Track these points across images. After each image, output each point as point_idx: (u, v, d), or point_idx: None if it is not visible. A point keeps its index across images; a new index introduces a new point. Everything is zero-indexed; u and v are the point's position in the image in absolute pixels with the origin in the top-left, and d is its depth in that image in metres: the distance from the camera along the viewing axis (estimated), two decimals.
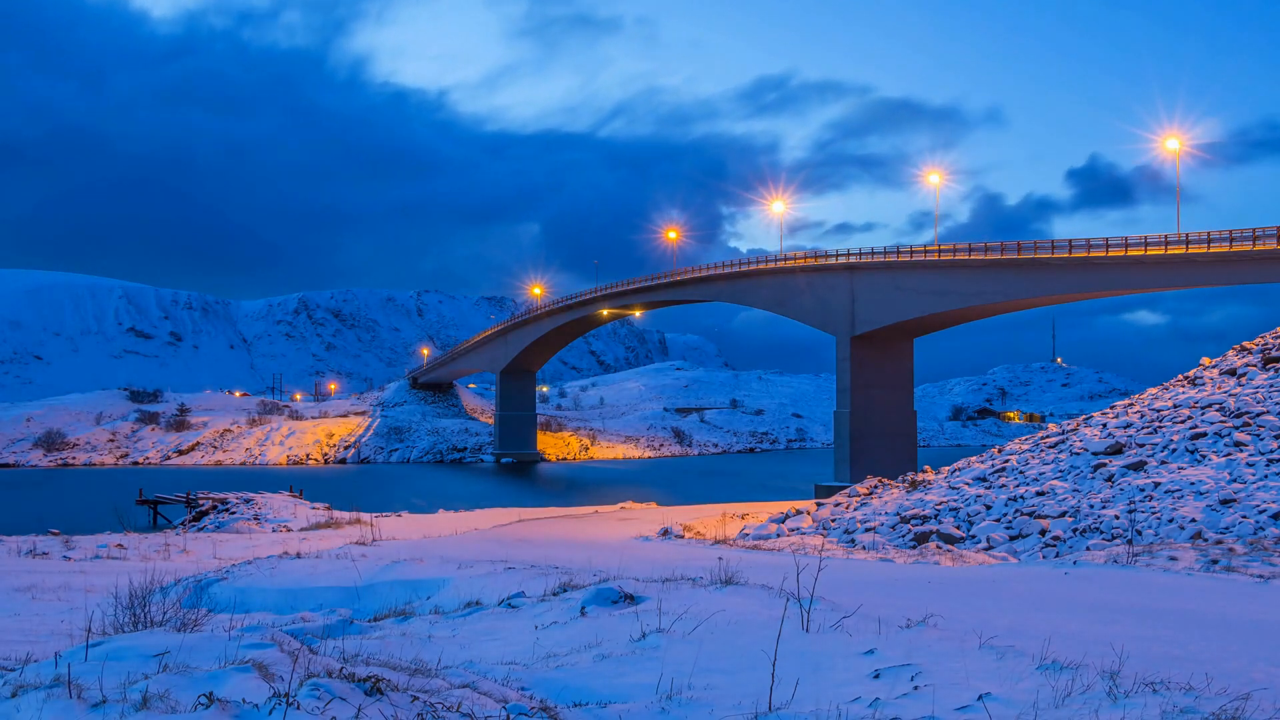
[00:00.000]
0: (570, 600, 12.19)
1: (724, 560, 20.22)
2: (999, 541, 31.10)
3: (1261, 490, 29.47)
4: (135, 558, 32.73)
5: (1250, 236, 55.05)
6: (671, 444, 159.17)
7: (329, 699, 7.03)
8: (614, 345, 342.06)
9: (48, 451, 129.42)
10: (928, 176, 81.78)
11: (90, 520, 49.03)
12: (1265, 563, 19.97)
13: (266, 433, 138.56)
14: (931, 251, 73.02)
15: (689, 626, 10.32)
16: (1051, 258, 63.97)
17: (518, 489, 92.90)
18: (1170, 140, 65.19)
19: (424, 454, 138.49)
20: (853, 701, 7.88)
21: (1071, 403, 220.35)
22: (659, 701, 8.01)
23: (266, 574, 21.74)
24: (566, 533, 37.55)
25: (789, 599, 11.62)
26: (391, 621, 12.55)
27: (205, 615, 14.59)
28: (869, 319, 75.96)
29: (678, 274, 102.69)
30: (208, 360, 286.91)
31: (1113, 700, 7.70)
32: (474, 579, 18.36)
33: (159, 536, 41.71)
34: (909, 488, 41.44)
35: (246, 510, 51.36)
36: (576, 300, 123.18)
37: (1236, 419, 35.98)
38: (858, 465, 72.30)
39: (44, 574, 26.21)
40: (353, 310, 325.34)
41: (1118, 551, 23.42)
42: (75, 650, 8.70)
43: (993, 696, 7.78)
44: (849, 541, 33.72)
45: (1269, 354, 42.34)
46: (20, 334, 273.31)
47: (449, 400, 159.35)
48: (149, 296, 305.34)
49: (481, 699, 7.86)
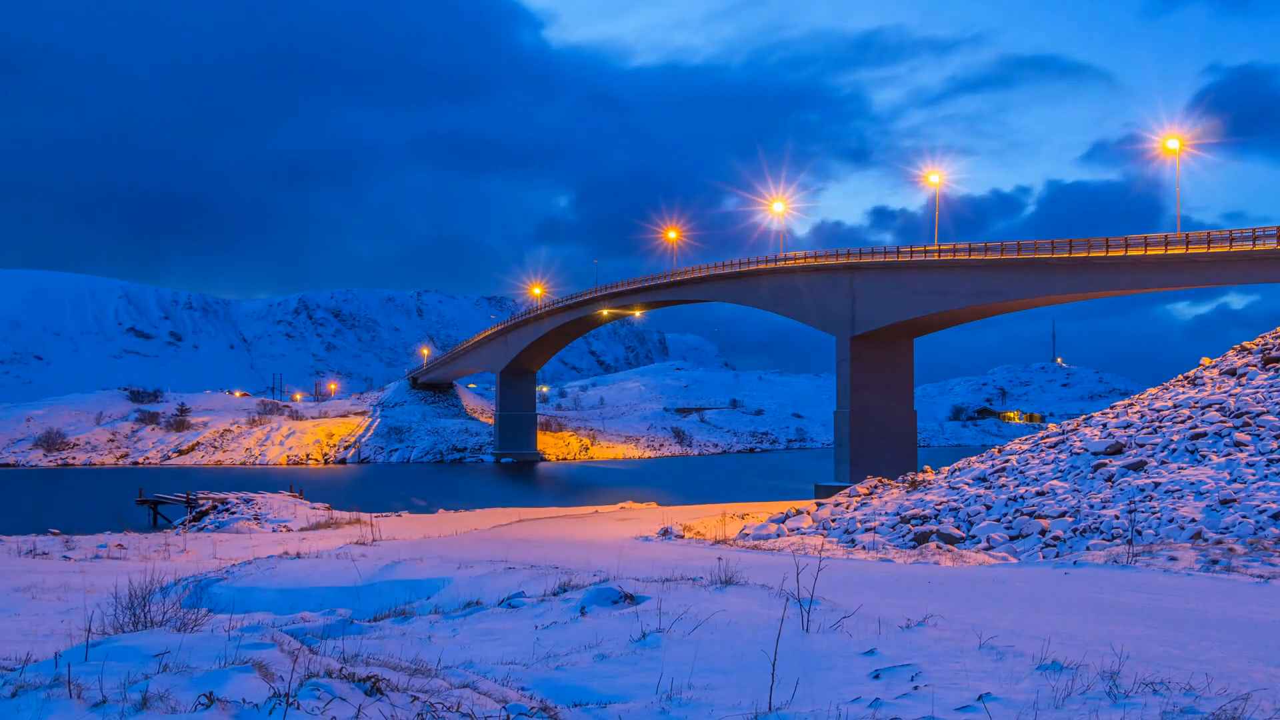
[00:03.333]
0: (570, 600, 12.20)
1: (724, 560, 20.21)
2: (999, 541, 31.10)
3: (1261, 490, 29.46)
4: (135, 558, 32.74)
5: (1250, 236, 55.02)
6: (671, 444, 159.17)
7: (329, 699, 7.03)
8: (614, 345, 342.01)
9: (48, 451, 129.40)
10: (927, 176, 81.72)
11: (90, 520, 49.03)
12: (1265, 563, 19.97)
13: (266, 433, 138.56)
14: (931, 251, 72.99)
15: (689, 627, 10.32)
16: (1051, 258, 63.95)
17: (518, 489, 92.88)
18: (1170, 140, 65.17)
19: (424, 454, 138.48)
20: (853, 702, 7.89)
21: (1071, 403, 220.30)
22: (659, 702, 8.01)
23: (266, 574, 21.74)
24: (566, 533, 37.56)
25: (789, 599, 11.62)
26: (391, 621, 12.55)
27: (205, 615, 14.58)
28: (869, 319, 75.93)
29: (678, 274, 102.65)
30: (208, 360, 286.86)
31: (1113, 700, 7.71)
32: (474, 579, 18.36)
33: (159, 536, 41.71)
34: (909, 488, 41.44)
35: (246, 510, 51.34)
36: (576, 300, 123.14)
37: (1236, 419, 35.98)
38: (858, 465, 72.25)
39: (44, 574, 26.21)
40: (353, 310, 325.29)
41: (1118, 551, 23.42)
42: (75, 650, 8.70)
43: (992, 697, 7.79)
44: (849, 541, 33.71)
45: (1269, 354, 42.33)
46: (20, 334, 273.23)
47: (449, 400, 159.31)
48: (149, 296, 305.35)
49: (481, 699, 7.86)
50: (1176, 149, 64.78)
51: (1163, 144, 65.65)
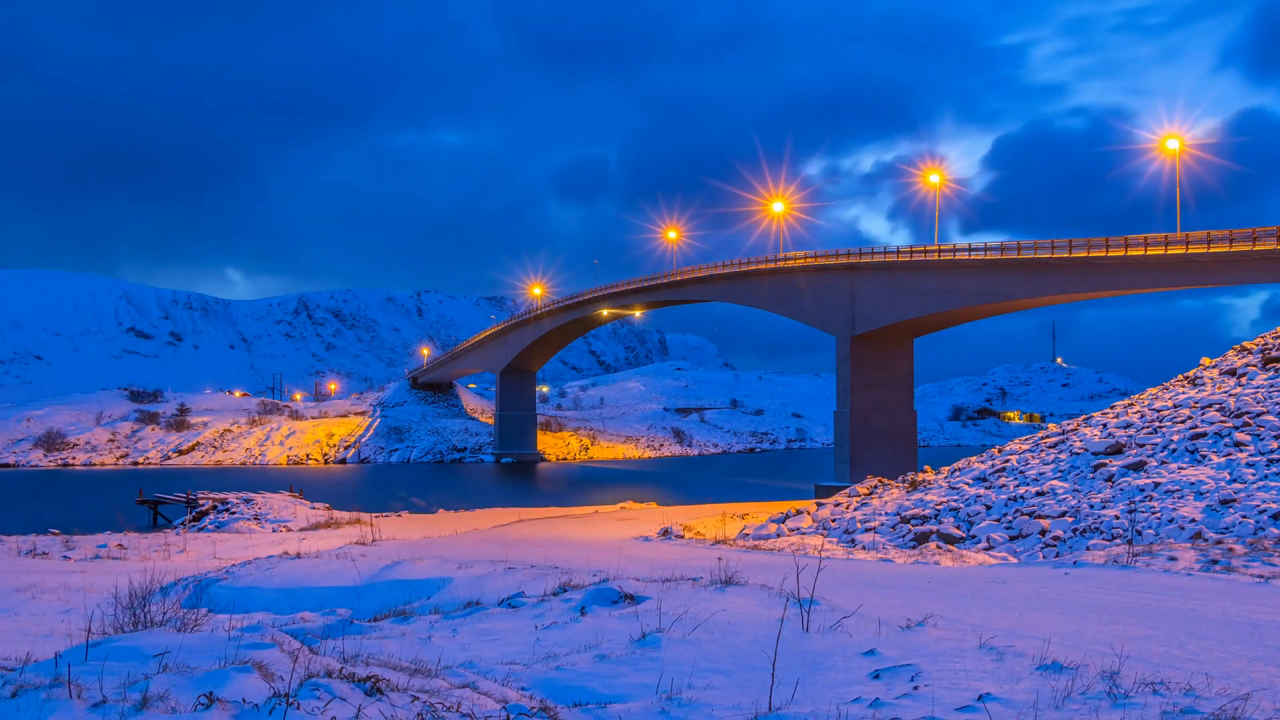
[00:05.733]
0: (570, 600, 12.20)
1: (724, 560, 20.22)
2: (999, 541, 31.10)
3: (1261, 490, 29.46)
4: (135, 558, 32.72)
5: (1250, 236, 55.00)
6: (671, 444, 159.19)
7: (329, 699, 7.04)
8: (614, 345, 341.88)
9: (48, 451, 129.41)
10: (927, 176, 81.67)
11: (90, 520, 48.99)
12: (1265, 563, 19.97)
13: (266, 433, 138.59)
14: (931, 251, 72.97)
15: (689, 627, 10.32)
16: (1052, 258, 63.94)
17: (518, 489, 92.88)
18: (1170, 140, 65.13)
19: (424, 454, 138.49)
20: (853, 702, 7.89)
21: (1072, 403, 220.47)
22: (659, 702, 8.01)
23: (266, 574, 21.73)
24: (566, 533, 37.57)
25: (789, 599, 11.62)
26: (391, 621, 12.54)
27: (205, 615, 14.59)
28: (869, 319, 75.91)
29: (678, 274, 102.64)
30: (208, 360, 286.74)
31: (1113, 701, 7.71)
32: (474, 579, 18.35)
33: (159, 536, 41.69)
34: (909, 488, 41.44)
35: (246, 510, 51.32)
36: (576, 300, 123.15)
37: (1236, 419, 35.97)
38: (858, 465, 72.25)
39: (44, 574, 26.20)
40: (353, 310, 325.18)
41: (1118, 552, 23.41)
42: (75, 650, 8.70)
43: (992, 697, 7.79)
44: (849, 541, 33.71)
45: (1269, 354, 42.33)
46: (20, 334, 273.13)
47: (449, 400, 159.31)
48: (149, 296, 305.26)
49: (481, 699, 7.86)
50: (1176, 149, 64.76)
51: (1162, 144, 65.65)
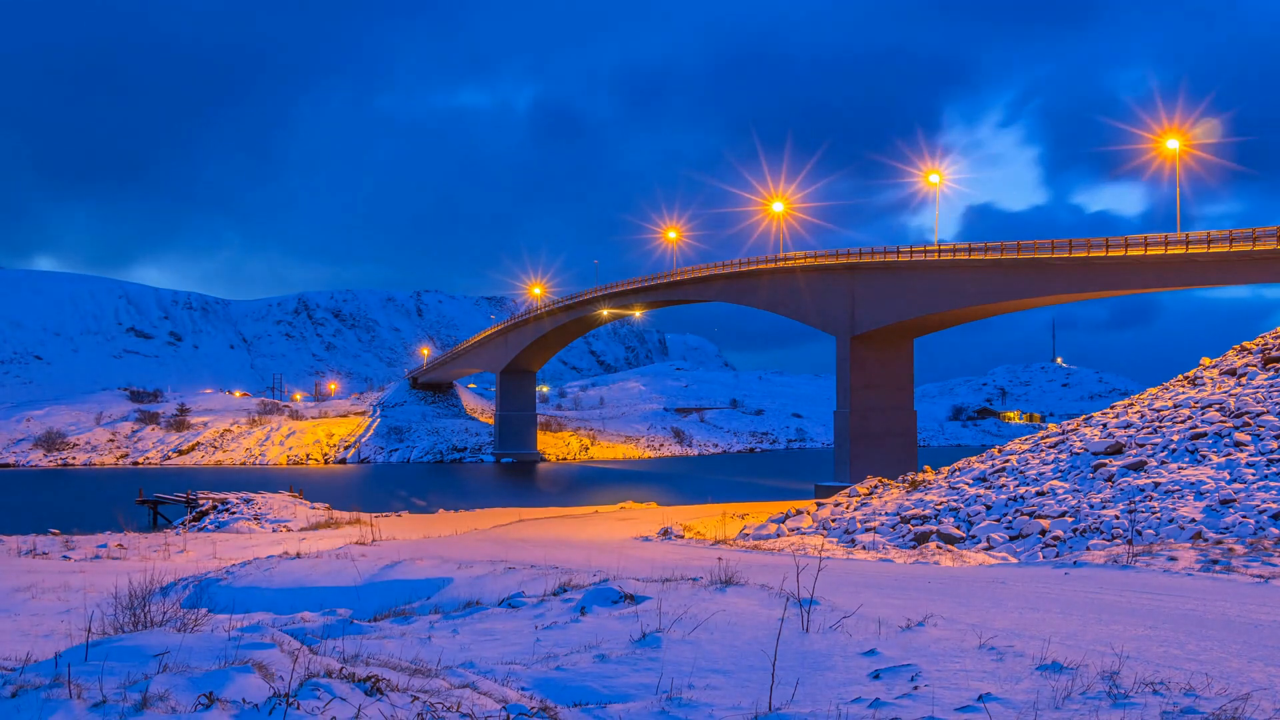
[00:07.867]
0: (570, 600, 12.20)
1: (724, 560, 20.21)
2: (999, 541, 31.10)
3: (1261, 490, 29.46)
4: (135, 558, 32.71)
5: (1250, 236, 55.01)
6: (671, 444, 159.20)
7: (329, 699, 7.04)
8: (614, 345, 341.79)
9: (48, 451, 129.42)
10: (927, 176, 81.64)
11: (90, 520, 48.97)
12: (1265, 563, 19.96)
13: (267, 433, 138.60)
14: (931, 251, 72.95)
15: (689, 627, 10.32)
16: (1052, 258, 63.94)
17: (518, 489, 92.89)
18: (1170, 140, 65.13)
19: (424, 454, 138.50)
20: (853, 702, 7.88)
21: (1072, 403, 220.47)
22: (659, 702, 8.01)
23: (266, 574, 21.72)
24: (566, 533, 37.57)
25: (789, 599, 11.62)
26: (391, 622, 12.54)
27: (205, 615, 14.58)
28: (869, 319, 75.90)
29: (677, 274, 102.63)
30: (208, 360, 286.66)
31: (1113, 701, 7.71)
32: (474, 579, 18.35)
33: (159, 536, 41.68)
34: (909, 488, 41.44)
35: (246, 510, 51.32)
36: (576, 300, 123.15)
37: (1236, 419, 35.96)
38: (858, 465, 72.25)
39: (44, 574, 26.18)
40: (353, 310, 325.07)
41: (1118, 552, 23.41)
42: (75, 650, 8.70)
43: (992, 697, 7.79)
44: (849, 541, 33.70)
45: (1269, 354, 42.33)
46: (20, 334, 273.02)
47: (449, 400, 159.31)
48: (149, 296, 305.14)
49: (481, 699, 7.86)
50: (1176, 149, 64.77)
51: (1162, 144, 65.64)
